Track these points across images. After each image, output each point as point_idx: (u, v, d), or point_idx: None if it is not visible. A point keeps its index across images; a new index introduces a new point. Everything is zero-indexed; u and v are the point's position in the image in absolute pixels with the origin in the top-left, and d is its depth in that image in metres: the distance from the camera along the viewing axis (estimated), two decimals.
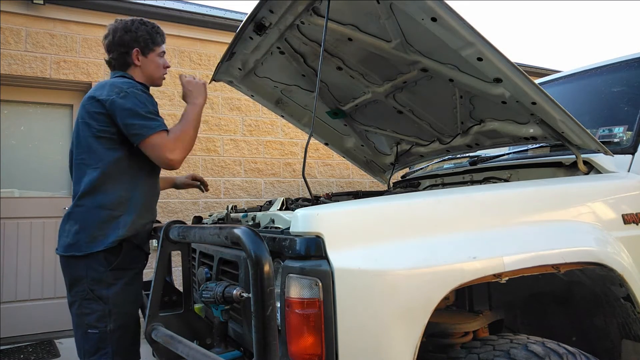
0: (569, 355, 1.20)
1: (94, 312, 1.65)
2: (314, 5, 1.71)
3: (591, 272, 1.43)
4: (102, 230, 1.69)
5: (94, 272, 1.67)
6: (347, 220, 1.14)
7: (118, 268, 1.70)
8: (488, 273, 1.17)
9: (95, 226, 1.69)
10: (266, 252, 0.97)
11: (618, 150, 1.70)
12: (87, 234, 1.68)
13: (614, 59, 2.10)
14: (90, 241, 1.67)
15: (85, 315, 1.66)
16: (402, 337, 1.07)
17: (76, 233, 1.69)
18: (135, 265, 1.79)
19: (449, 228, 1.22)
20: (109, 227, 1.70)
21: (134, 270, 1.78)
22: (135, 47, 1.87)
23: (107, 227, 1.69)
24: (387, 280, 1.08)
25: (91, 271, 1.67)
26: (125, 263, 1.72)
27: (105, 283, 1.67)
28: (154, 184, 1.91)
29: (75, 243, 1.68)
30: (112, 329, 1.66)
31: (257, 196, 4.77)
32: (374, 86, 2.15)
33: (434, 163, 2.69)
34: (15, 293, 3.91)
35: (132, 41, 1.87)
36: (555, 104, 1.52)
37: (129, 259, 1.75)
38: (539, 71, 6.16)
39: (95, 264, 1.67)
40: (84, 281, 1.67)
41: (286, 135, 4.99)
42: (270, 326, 0.94)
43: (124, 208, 1.73)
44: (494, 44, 1.41)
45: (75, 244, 1.68)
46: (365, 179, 5.36)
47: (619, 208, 1.51)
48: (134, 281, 1.77)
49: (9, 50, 3.88)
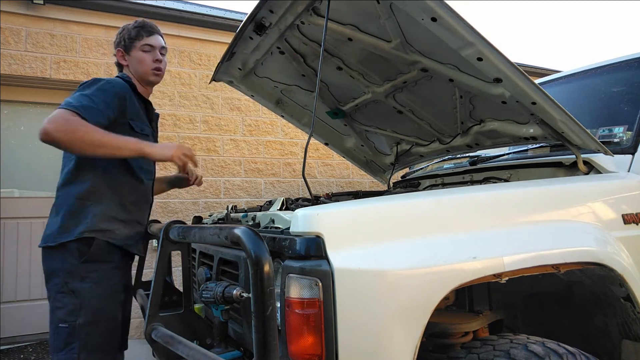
0: (569, 355, 1.20)
1: (65, 306, 1.61)
2: (314, 5, 1.71)
3: (591, 272, 1.43)
4: (72, 219, 1.66)
5: (67, 265, 1.63)
6: (347, 220, 1.14)
7: (90, 260, 1.64)
8: (488, 273, 1.17)
9: (67, 215, 1.67)
10: (266, 252, 0.97)
11: (618, 150, 1.70)
12: (60, 224, 1.66)
13: (614, 59, 2.10)
14: (62, 231, 1.65)
15: (57, 309, 1.62)
16: (402, 337, 1.07)
17: (52, 224, 1.69)
18: (111, 259, 1.71)
19: (449, 228, 1.22)
20: (79, 216, 1.67)
21: (111, 265, 1.70)
22: (119, 47, 1.94)
23: (77, 216, 1.67)
24: (387, 280, 1.08)
25: (65, 263, 1.63)
26: (98, 256, 1.66)
27: (78, 276, 1.62)
28: (134, 185, 1.83)
29: (50, 234, 1.67)
30: (80, 324, 1.59)
31: (257, 196, 4.77)
32: (374, 86, 2.15)
33: (434, 163, 2.69)
34: (16, 293, 3.91)
35: (117, 43, 1.95)
36: (555, 104, 1.52)
37: (104, 252, 1.68)
38: (539, 71, 6.16)
39: (68, 255, 1.63)
40: (59, 274, 1.63)
41: (286, 135, 4.99)
42: (270, 326, 0.94)
43: (95, 198, 1.70)
44: (494, 44, 1.41)
45: (50, 234, 1.67)
46: (365, 179, 5.36)
47: (619, 208, 1.51)
48: (111, 276, 1.70)
49: (9, 50, 3.87)
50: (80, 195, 1.70)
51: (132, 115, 1.81)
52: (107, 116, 1.67)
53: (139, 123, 1.84)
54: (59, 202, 1.72)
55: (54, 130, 1.53)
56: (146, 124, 1.90)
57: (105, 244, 1.69)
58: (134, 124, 1.82)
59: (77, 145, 1.56)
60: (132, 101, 1.82)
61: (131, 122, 1.80)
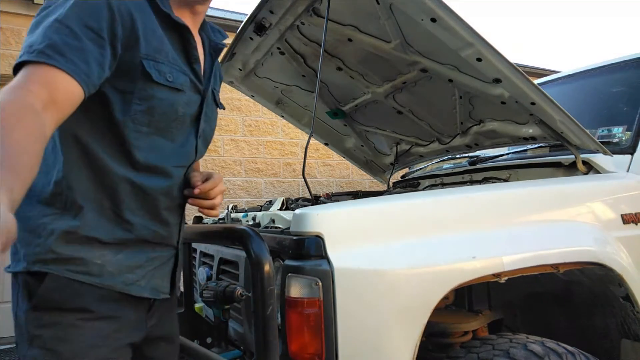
0: (568, 355, 1.21)
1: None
2: (314, 6, 1.71)
3: (590, 271, 1.43)
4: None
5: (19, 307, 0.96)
6: (347, 220, 1.14)
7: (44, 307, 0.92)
8: (487, 273, 1.18)
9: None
10: (266, 252, 0.97)
11: (617, 150, 1.70)
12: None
13: (613, 59, 2.11)
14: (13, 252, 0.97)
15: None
16: (402, 337, 1.07)
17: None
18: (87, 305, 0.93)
19: (448, 228, 1.22)
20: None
21: (88, 314, 0.93)
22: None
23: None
24: (386, 280, 1.08)
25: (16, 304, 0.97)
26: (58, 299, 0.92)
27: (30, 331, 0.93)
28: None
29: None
30: None
31: (257, 196, 4.78)
32: (374, 86, 2.15)
33: (434, 163, 2.70)
34: None
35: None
36: (555, 105, 1.53)
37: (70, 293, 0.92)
38: (539, 71, 6.17)
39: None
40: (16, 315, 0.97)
41: (286, 135, 5.00)
42: (271, 325, 0.94)
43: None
44: (494, 45, 1.42)
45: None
46: (365, 179, 5.36)
47: (618, 208, 1.51)
48: (90, 333, 0.93)
49: (9, 50, 3.88)
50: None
51: (150, 49, 0.96)
52: (103, 59, 0.87)
53: (165, 66, 0.98)
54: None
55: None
56: (182, 69, 1.03)
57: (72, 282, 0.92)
58: (151, 67, 0.95)
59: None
60: (148, 23, 0.96)
61: (146, 61, 0.94)
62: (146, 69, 0.94)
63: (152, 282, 1.02)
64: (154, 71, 0.96)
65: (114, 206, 0.96)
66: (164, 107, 0.98)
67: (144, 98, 0.95)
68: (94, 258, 0.94)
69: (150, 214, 1.02)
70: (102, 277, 0.94)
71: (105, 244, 0.95)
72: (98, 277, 0.94)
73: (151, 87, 0.96)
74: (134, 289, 0.98)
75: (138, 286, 0.99)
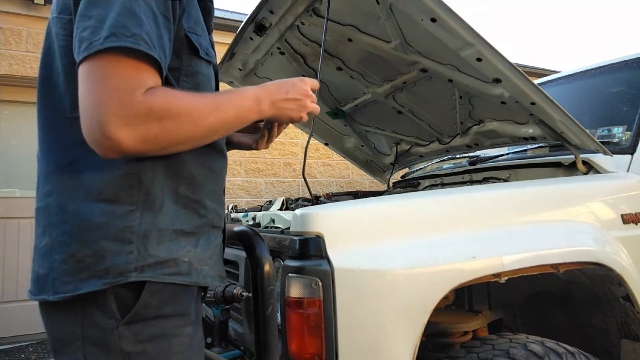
0: (568, 355, 1.21)
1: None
2: (314, 6, 1.71)
3: (590, 271, 1.43)
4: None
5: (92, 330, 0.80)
6: (347, 220, 1.14)
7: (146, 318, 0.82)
8: (487, 273, 1.18)
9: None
10: (266, 252, 0.97)
11: (617, 150, 1.70)
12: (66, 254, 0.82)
13: (613, 59, 2.11)
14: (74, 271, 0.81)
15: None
16: (402, 337, 1.07)
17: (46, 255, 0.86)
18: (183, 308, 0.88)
19: (448, 228, 1.22)
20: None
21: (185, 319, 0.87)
22: None
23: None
24: (386, 280, 1.08)
25: (87, 327, 0.80)
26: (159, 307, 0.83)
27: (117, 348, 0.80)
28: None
29: (47, 275, 0.83)
30: None
31: (257, 196, 4.78)
32: (374, 86, 2.16)
33: (434, 163, 2.70)
34: (16, 293, 3.92)
35: None
36: (555, 105, 1.53)
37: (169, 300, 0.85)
38: (539, 71, 6.17)
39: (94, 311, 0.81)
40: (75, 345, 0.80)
41: (286, 136, 5.00)
42: (271, 325, 0.94)
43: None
44: (493, 45, 1.42)
45: (46, 276, 0.83)
46: (365, 179, 5.36)
47: (618, 208, 1.51)
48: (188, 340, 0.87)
49: (9, 50, 3.88)
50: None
51: (191, 21, 0.88)
52: (170, 44, 0.82)
53: (203, 39, 0.91)
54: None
55: (137, 142, 0.73)
56: (211, 41, 0.97)
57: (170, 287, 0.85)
58: (196, 41, 0.88)
59: (175, 148, 0.82)
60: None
61: (190, 34, 0.87)
62: (194, 43, 0.87)
63: (217, 269, 0.95)
64: (198, 45, 0.88)
65: (189, 192, 0.89)
66: (206, 83, 0.92)
67: (190, 74, 0.88)
68: (182, 256, 0.86)
69: (216, 196, 0.96)
70: (190, 275, 0.87)
71: (187, 235, 0.87)
72: (187, 275, 0.87)
73: (195, 62, 0.89)
74: (209, 280, 0.91)
75: (211, 277, 0.92)
